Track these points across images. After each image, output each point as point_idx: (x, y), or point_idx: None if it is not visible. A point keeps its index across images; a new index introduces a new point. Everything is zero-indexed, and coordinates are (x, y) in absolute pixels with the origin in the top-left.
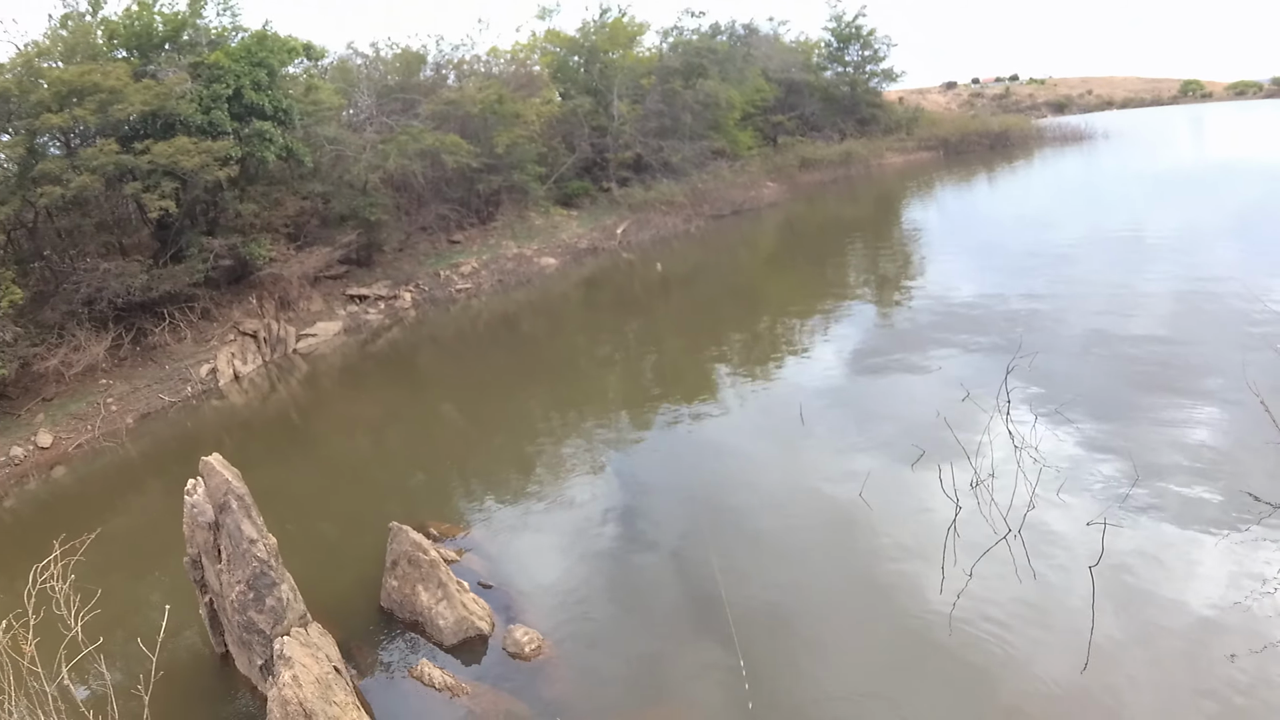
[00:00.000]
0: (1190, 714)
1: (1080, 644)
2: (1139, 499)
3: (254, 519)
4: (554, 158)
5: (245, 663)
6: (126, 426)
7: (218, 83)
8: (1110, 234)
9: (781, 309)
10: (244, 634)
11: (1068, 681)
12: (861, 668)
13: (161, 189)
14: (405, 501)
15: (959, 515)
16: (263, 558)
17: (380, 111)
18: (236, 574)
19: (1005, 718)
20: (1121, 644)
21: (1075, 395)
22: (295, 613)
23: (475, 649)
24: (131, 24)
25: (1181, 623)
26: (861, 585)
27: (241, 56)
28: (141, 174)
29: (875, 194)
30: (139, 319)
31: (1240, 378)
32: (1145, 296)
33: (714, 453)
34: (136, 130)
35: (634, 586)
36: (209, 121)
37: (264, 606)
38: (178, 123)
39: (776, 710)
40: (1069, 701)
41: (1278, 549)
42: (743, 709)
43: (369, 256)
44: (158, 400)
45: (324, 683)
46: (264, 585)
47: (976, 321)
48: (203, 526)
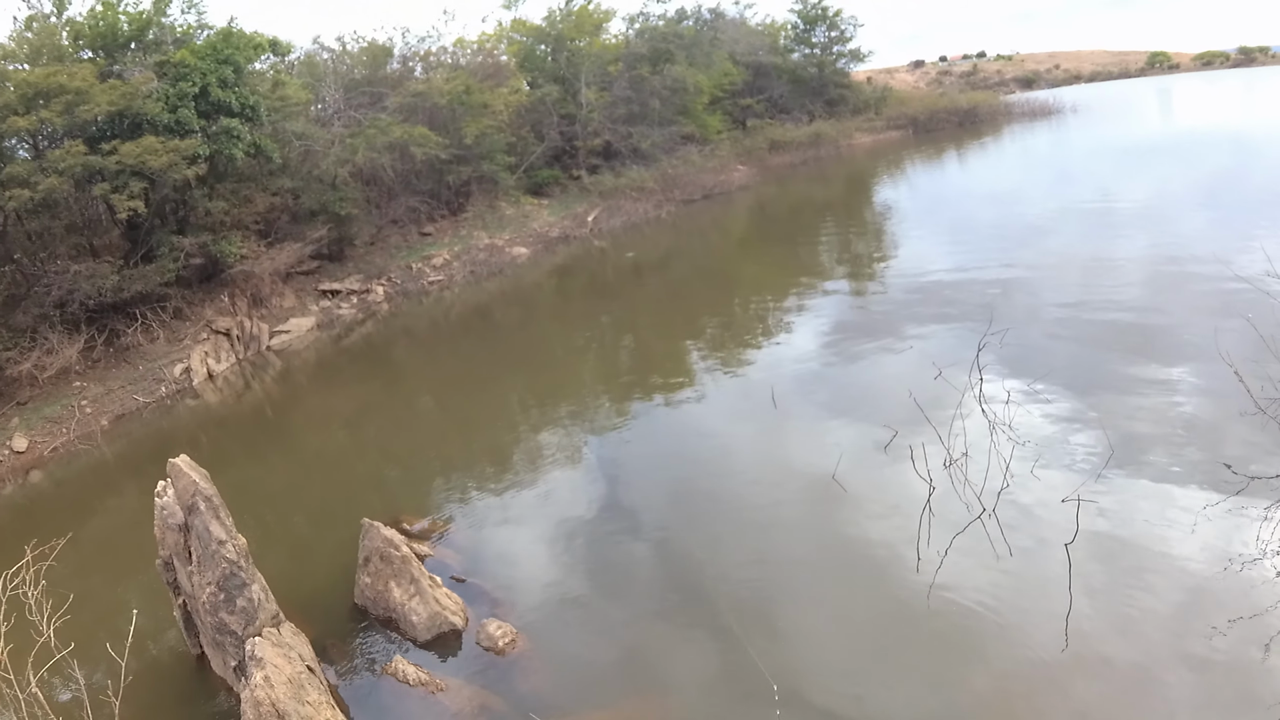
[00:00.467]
0: (1171, 689)
1: (1058, 622)
2: (1114, 474)
3: (223, 520)
4: (523, 147)
5: (220, 664)
6: (101, 428)
7: (184, 81)
8: (1080, 207)
9: (755, 292)
10: (217, 635)
11: (1047, 660)
12: (840, 651)
13: (130, 189)
14: (382, 496)
15: (933, 495)
16: (232, 558)
17: (348, 105)
18: (207, 575)
19: (986, 696)
20: (1100, 621)
21: (1048, 370)
22: (267, 613)
23: (449, 644)
24: (96, 24)
25: (1160, 597)
26: (838, 569)
27: (207, 54)
28: (109, 175)
29: (845, 174)
30: (111, 320)
31: (1213, 348)
32: (1116, 269)
33: (689, 439)
34: (104, 131)
35: (610, 576)
36: (176, 120)
37: (235, 607)
38: (144, 122)
39: (761, 692)
40: (1049, 680)
41: (1255, 520)
42: (718, 696)
43: (340, 251)
44: (132, 401)
45: (296, 682)
46: (234, 586)
47: (949, 299)
48: (173, 528)
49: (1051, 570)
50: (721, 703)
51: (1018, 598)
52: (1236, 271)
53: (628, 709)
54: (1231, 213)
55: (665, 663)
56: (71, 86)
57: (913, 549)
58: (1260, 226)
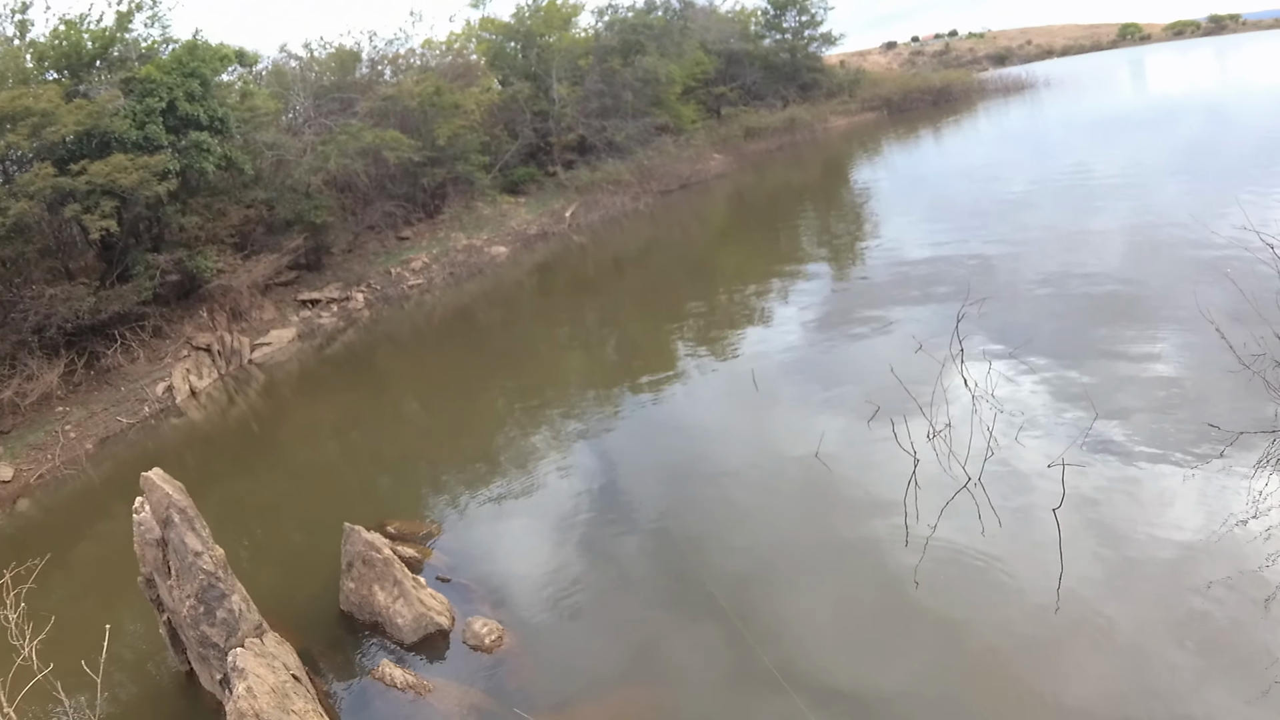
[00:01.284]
0: (1166, 651)
1: (1050, 587)
2: (1099, 437)
3: (198, 531)
4: (497, 146)
5: (208, 679)
6: (87, 452)
7: (150, 96)
8: (1057, 180)
9: (736, 280)
10: (201, 649)
11: (1041, 625)
12: (834, 629)
13: (102, 209)
14: (370, 503)
15: (918, 468)
16: (209, 570)
17: (318, 113)
18: (186, 588)
19: (982, 665)
20: (1091, 585)
21: (1030, 339)
22: (249, 623)
23: (436, 645)
24: (60, 44)
25: (1151, 559)
26: (827, 548)
27: (173, 68)
28: (80, 195)
29: (822, 158)
30: (90, 342)
31: (1195, 311)
32: (1095, 239)
33: (674, 429)
34: (72, 151)
35: (597, 569)
36: (144, 136)
37: (215, 619)
38: (113, 140)
39: (755, 673)
40: (1043, 645)
41: (1243, 478)
42: (710, 682)
43: (318, 260)
44: (116, 423)
45: (280, 692)
46: (213, 598)
47: (928, 277)
48: (151, 544)
49: (1041, 536)
50: (714, 689)
51: (1008, 565)
52: (1216, 235)
53: (618, 701)
54: (1207, 179)
55: (656, 652)
56: (37, 109)
57: (900, 523)
58: (1236, 191)
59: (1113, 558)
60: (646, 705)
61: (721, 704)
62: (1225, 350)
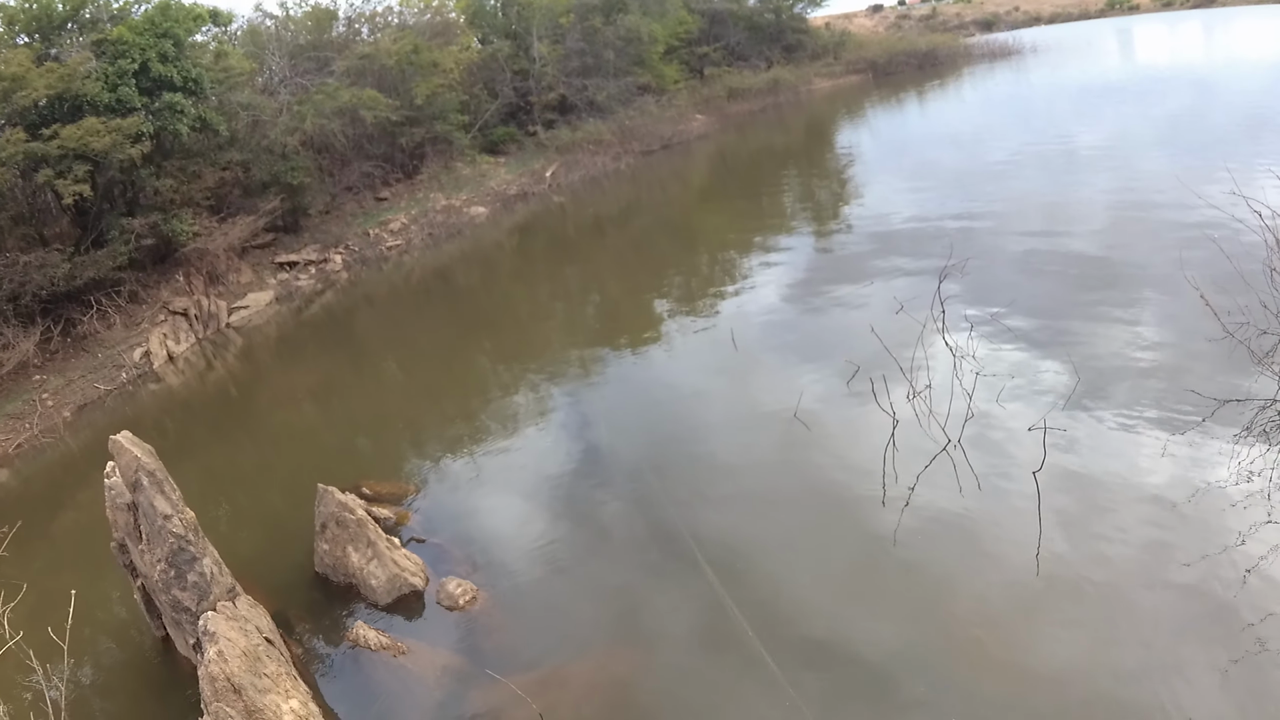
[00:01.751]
0: (1144, 613)
1: (1028, 550)
2: (1081, 402)
3: (168, 494)
4: (476, 105)
5: (182, 643)
6: (64, 420)
7: (123, 58)
8: (1041, 148)
9: (718, 242)
10: (174, 614)
11: (1020, 588)
12: (813, 587)
13: (75, 173)
14: (348, 465)
15: (897, 429)
16: (179, 533)
17: (294, 73)
18: (157, 552)
19: (961, 625)
20: (1070, 548)
21: (1012, 303)
22: (221, 586)
23: (411, 606)
24: (30, 7)
25: (1129, 524)
26: (803, 506)
27: (145, 29)
28: (52, 160)
29: (805, 120)
30: (66, 309)
31: (1178, 279)
32: (1079, 206)
33: (654, 389)
34: (44, 116)
35: (573, 530)
36: (117, 99)
37: (186, 583)
38: (85, 103)
39: (732, 634)
40: (1021, 606)
41: (1223, 445)
42: (687, 643)
43: (295, 222)
44: (93, 390)
45: (253, 655)
46: (184, 561)
47: (911, 241)
48: (122, 508)
49: (1020, 499)
50: (691, 650)
51: (988, 527)
52: (1201, 203)
53: (593, 662)
54: (1193, 151)
55: (633, 613)
56: (8, 74)
57: (879, 483)
58: (1222, 162)
59: (1092, 522)
60: (622, 666)
61: (698, 665)
62: (1209, 318)
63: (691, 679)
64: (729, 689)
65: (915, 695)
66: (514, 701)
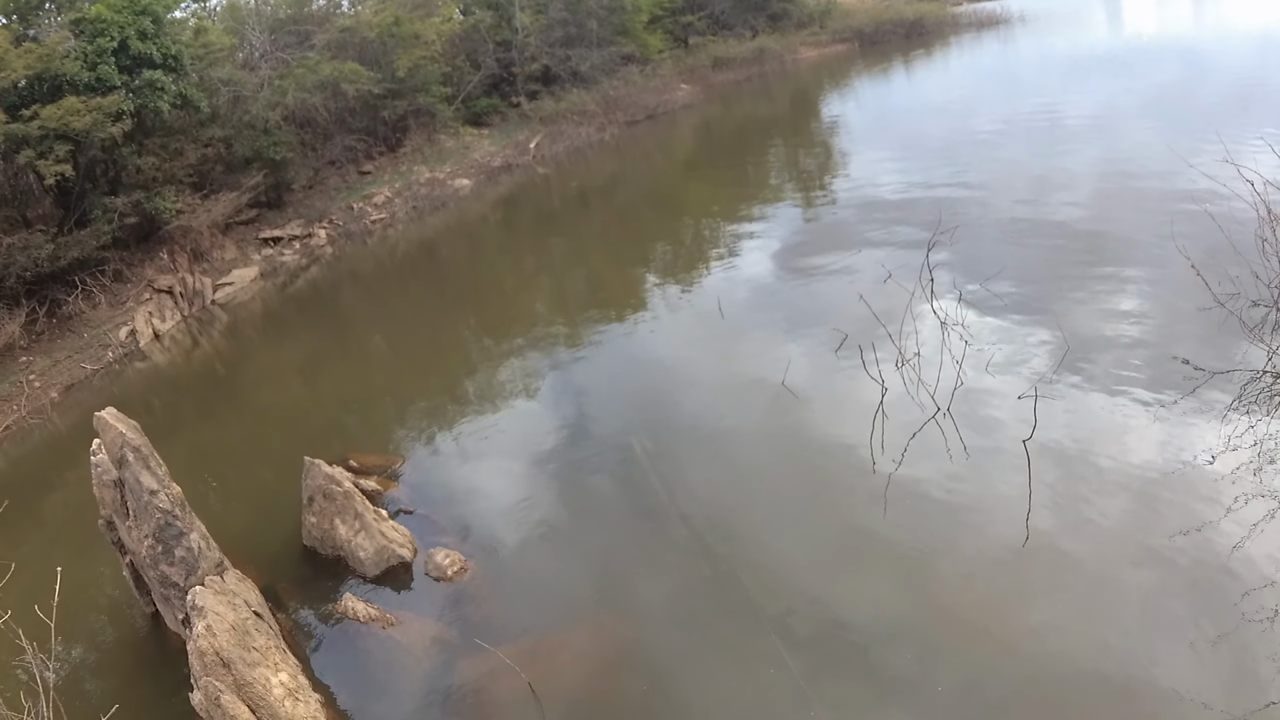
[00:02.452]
0: (1134, 584)
1: (1018, 519)
2: (1071, 370)
3: (153, 469)
4: (459, 77)
5: (171, 619)
6: (52, 401)
7: (101, 36)
8: (1030, 118)
9: (703, 213)
10: (162, 589)
11: (1009, 557)
12: (802, 556)
13: (56, 153)
14: (335, 439)
15: (886, 397)
16: (166, 508)
17: (274, 47)
18: (144, 528)
19: (949, 593)
20: (1061, 517)
21: (1001, 271)
22: (210, 561)
23: (399, 577)
24: None
25: (1120, 493)
26: (792, 475)
27: (124, 6)
28: (33, 141)
29: (791, 90)
30: (51, 290)
31: (1168, 248)
32: (1068, 178)
33: (640, 360)
34: (23, 96)
35: (561, 500)
36: (96, 78)
37: (174, 558)
38: (65, 83)
39: (721, 602)
40: (1012, 576)
41: (1213, 416)
42: (676, 612)
43: (279, 197)
44: (80, 370)
45: (241, 629)
46: (171, 536)
47: (898, 211)
48: (109, 485)
49: (1009, 468)
50: (679, 619)
51: (976, 496)
52: (1192, 173)
53: (582, 631)
54: (1183, 121)
55: (621, 582)
56: None
57: (868, 452)
58: (1213, 131)
59: (1081, 491)
60: (611, 635)
61: (687, 633)
62: (1200, 288)
63: (680, 646)
64: (718, 656)
65: (902, 662)
66: (503, 671)
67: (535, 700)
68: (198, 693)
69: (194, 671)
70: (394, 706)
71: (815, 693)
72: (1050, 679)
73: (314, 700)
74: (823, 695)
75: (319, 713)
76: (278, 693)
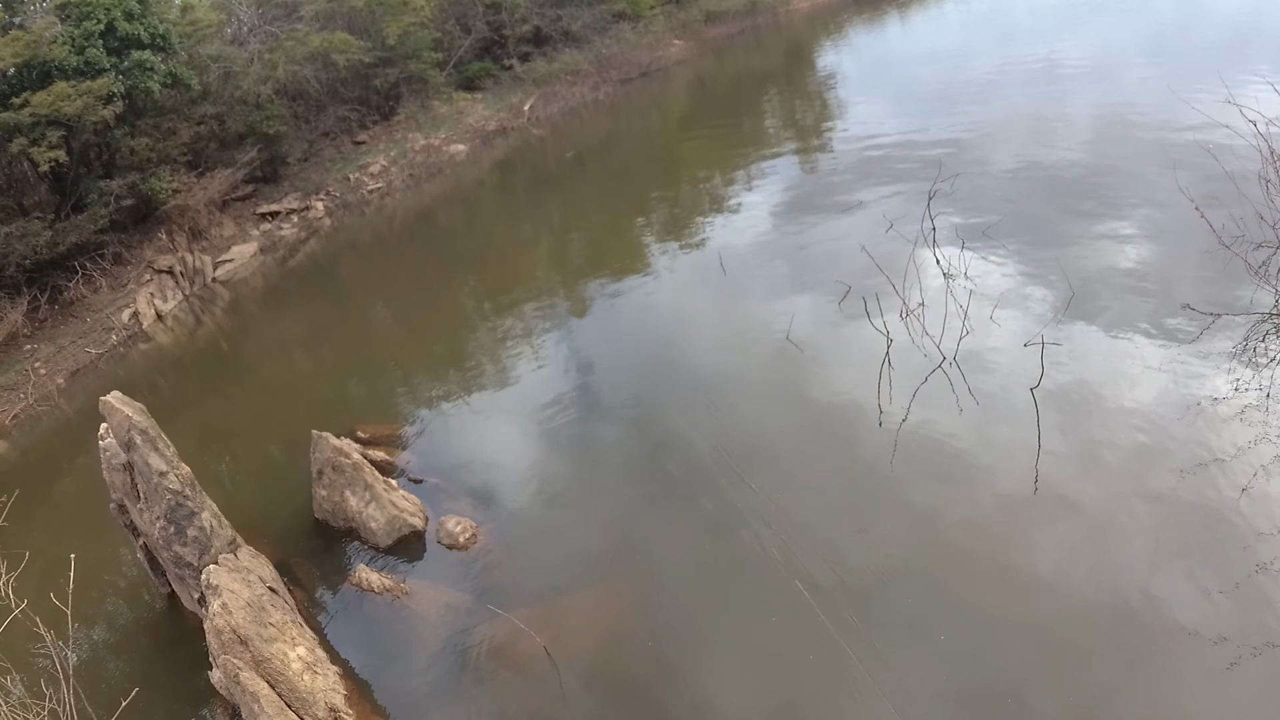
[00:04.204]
0: (1138, 528)
1: (1026, 466)
2: (1076, 316)
3: (161, 451)
4: (450, 42)
5: (188, 599)
6: (58, 387)
7: (88, 20)
8: (1026, 63)
9: (701, 169)
10: (177, 570)
11: (1019, 502)
12: (809, 509)
13: (48, 140)
14: (343, 411)
15: (891, 348)
16: (176, 489)
17: (262, 21)
18: (155, 510)
19: (957, 541)
20: (1069, 463)
21: (1002, 218)
22: (222, 539)
23: (411, 546)
24: None
25: (1126, 438)
26: (799, 429)
27: None
28: (25, 128)
29: (785, 43)
30: (51, 277)
31: (1171, 191)
32: (1067, 120)
33: (644, 319)
34: (13, 85)
35: (570, 462)
36: (85, 61)
37: (187, 538)
38: (53, 69)
39: (739, 560)
40: (1022, 521)
41: (1219, 359)
42: (679, 574)
43: (274, 171)
44: (85, 355)
45: (257, 606)
46: (182, 517)
47: (896, 161)
48: (118, 469)
49: (1016, 415)
50: (690, 575)
51: (984, 444)
52: (1192, 115)
53: (595, 593)
54: (1181, 61)
55: (633, 543)
56: None
57: (875, 403)
58: (1211, 72)
59: (1089, 437)
60: (624, 595)
61: (699, 588)
62: (1204, 230)
63: (692, 602)
64: (730, 608)
65: (909, 608)
66: (518, 635)
67: (551, 662)
68: (217, 671)
69: (212, 650)
70: (412, 674)
71: (833, 638)
72: (1060, 619)
73: (332, 672)
74: (840, 640)
75: (338, 684)
76: (296, 667)
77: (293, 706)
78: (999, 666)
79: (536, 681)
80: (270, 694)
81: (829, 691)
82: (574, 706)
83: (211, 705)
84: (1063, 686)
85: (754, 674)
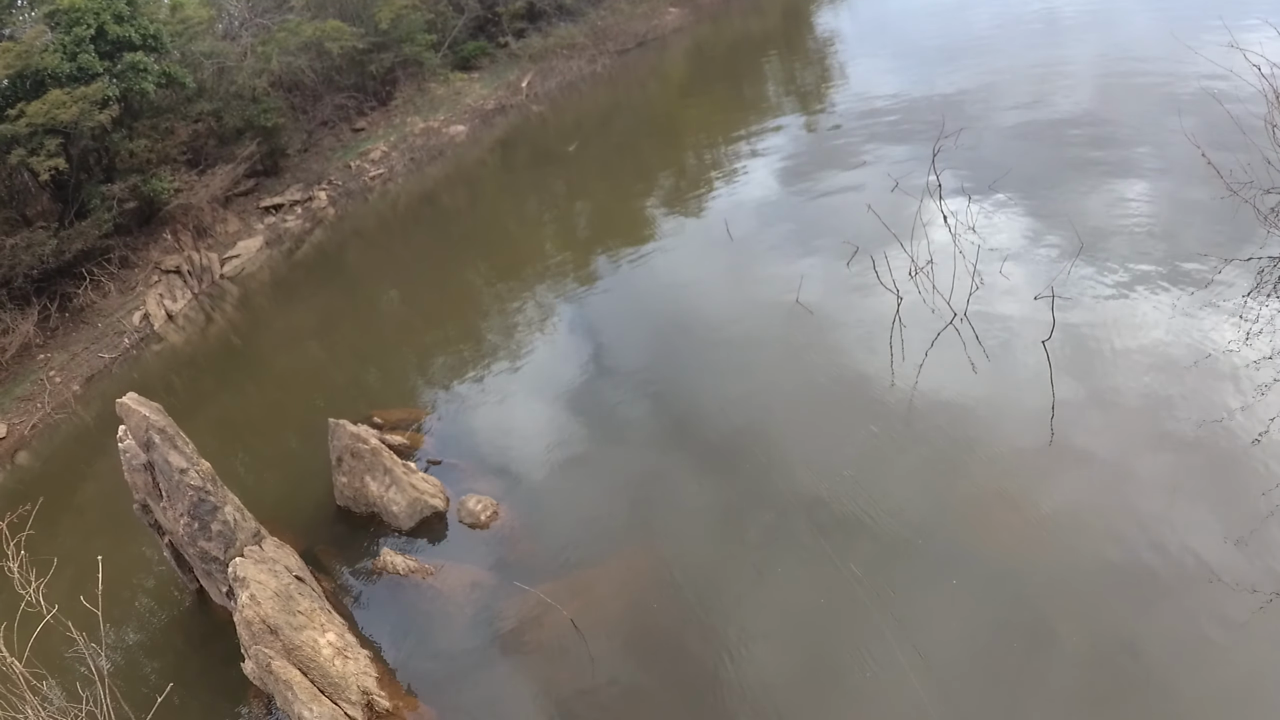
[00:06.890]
0: (1157, 480)
1: (1041, 420)
2: (1086, 268)
3: (181, 448)
4: (443, 23)
5: (216, 593)
6: (74, 394)
7: (78, 25)
8: (1026, 18)
9: (704, 136)
10: (203, 565)
11: (1035, 455)
12: (826, 470)
13: (47, 148)
14: (358, 398)
15: (901, 306)
16: (198, 485)
17: (253, 14)
18: (178, 507)
19: (974, 497)
20: (1083, 414)
21: (1007, 171)
22: (246, 532)
23: (434, 527)
24: None
25: (1140, 387)
26: (813, 391)
27: None
28: (23, 139)
29: (782, 4)
30: (60, 285)
31: (1177, 138)
32: (1070, 72)
33: (653, 289)
34: (7, 96)
35: (586, 436)
36: (78, 67)
37: (211, 533)
38: (47, 77)
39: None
40: (1038, 474)
41: (1231, 306)
42: (700, 541)
43: (275, 164)
44: (98, 360)
45: (284, 595)
46: (205, 512)
47: (899, 118)
48: (139, 469)
49: (1029, 369)
50: (711, 541)
51: (998, 398)
52: (1195, 62)
53: (617, 563)
54: (1182, 8)
55: (651, 512)
56: None
57: (887, 362)
58: (1213, 17)
59: (1102, 387)
60: (644, 565)
61: (720, 556)
62: (1211, 177)
63: (713, 568)
64: (751, 567)
65: (929, 560)
66: (544, 609)
67: (579, 634)
68: (249, 662)
69: (243, 641)
70: (441, 653)
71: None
72: (1075, 570)
73: (363, 656)
74: (861, 594)
75: (369, 668)
76: (327, 653)
77: (326, 692)
78: (1018, 617)
79: (564, 653)
80: (303, 681)
81: (853, 642)
82: (602, 675)
83: (246, 696)
84: (1083, 632)
85: (780, 628)
